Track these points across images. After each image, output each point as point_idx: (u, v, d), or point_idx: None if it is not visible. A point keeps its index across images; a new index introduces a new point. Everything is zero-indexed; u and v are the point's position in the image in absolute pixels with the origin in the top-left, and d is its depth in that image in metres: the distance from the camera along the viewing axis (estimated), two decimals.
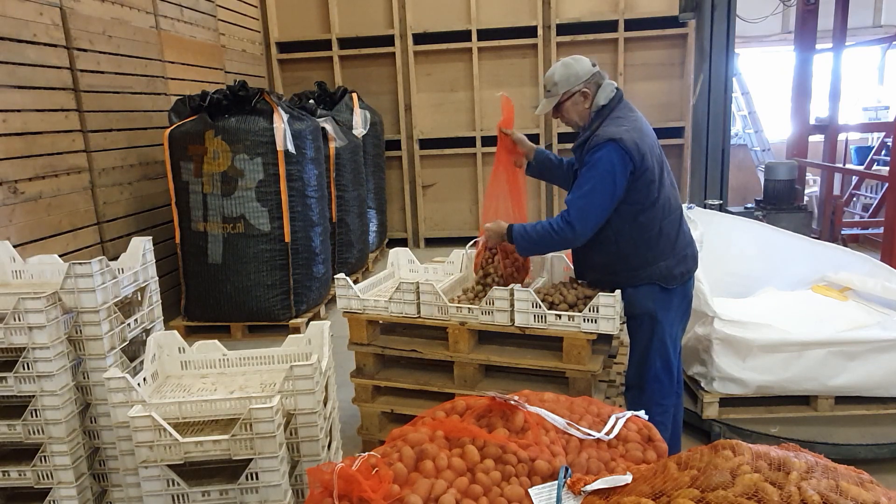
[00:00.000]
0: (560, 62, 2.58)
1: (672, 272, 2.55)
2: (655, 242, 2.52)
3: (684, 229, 2.63)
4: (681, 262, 2.57)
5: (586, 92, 2.53)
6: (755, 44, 9.81)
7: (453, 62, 7.64)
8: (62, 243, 4.13)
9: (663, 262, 2.53)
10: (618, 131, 2.40)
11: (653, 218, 2.49)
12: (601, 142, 2.41)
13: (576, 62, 2.54)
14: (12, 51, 3.80)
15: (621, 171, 2.39)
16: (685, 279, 2.61)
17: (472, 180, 7.88)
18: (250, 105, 4.73)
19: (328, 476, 1.41)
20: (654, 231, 2.51)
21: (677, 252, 2.56)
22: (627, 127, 2.43)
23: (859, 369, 2.97)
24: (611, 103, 2.52)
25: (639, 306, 2.59)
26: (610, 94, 2.52)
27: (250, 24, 7.37)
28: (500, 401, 1.68)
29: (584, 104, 2.55)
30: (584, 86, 2.52)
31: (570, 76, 2.52)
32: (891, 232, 5.18)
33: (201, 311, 4.96)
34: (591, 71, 2.53)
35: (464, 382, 2.82)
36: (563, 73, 2.53)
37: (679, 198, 2.64)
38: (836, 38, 6.75)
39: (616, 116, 2.49)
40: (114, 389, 1.89)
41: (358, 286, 3.00)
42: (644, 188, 2.45)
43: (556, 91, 2.55)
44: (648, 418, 2.42)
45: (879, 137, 8.16)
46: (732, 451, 1.35)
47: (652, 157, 2.45)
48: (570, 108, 2.58)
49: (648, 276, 2.54)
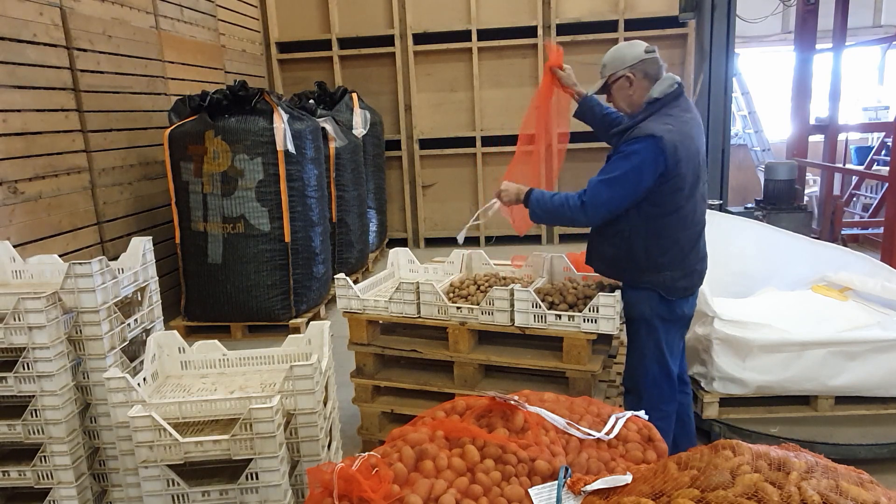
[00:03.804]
0: (617, 45, 2.57)
1: (675, 284, 2.49)
2: (667, 250, 2.45)
3: (700, 245, 2.56)
4: (686, 277, 2.51)
5: (630, 77, 2.45)
6: (755, 44, 9.81)
7: (453, 62, 7.63)
8: (62, 243, 4.13)
9: (668, 273, 2.47)
10: (660, 129, 2.32)
11: (671, 226, 2.43)
12: (640, 135, 2.34)
13: (628, 46, 2.50)
14: (12, 51, 3.80)
15: (651, 170, 2.31)
16: (687, 294, 2.55)
17: (472, 180, 7.88)
18: (250, 105, 4.73)
19: (328, 476, 1.41)
20: (670, 239, 2.44)
21: (686, 266, 2.50)
22: (672, 127, 2.34)
23: (859, 369, 2.97)
24: (665, 98, 2.42)
25: (637, 310, 2.56)
26: (666, 90, 2.43)
27: (250, 24, 7.37)
28: (500, 401, 1.68)
29: (628, 90, 2.47)
30: (629, 71, 2.44)
31: (617, 59, 2.48)
32: (891, 232, 5.18)
33: (201, 311, 4.96)
34: (640, 57, 2.44)
35: (464, 382, 2.82)
36: (611, 56, 2.50)
37: (705, 213, 2.57)
38: (836, 38, 6.75)
39: (666, 113, 2.40)
40: (114, 389, 1.89)
41: (358, 286, 2.99)
42: (669, 194, 2.38)
43: (604, 73, 2.52)
44: None
45: (879, 137, 8.16)
46: (732, 451, 1.35)
47: (688, 165, 2.36)
48: (616, 92, 2.51)
49: (651, 282, 2.49)
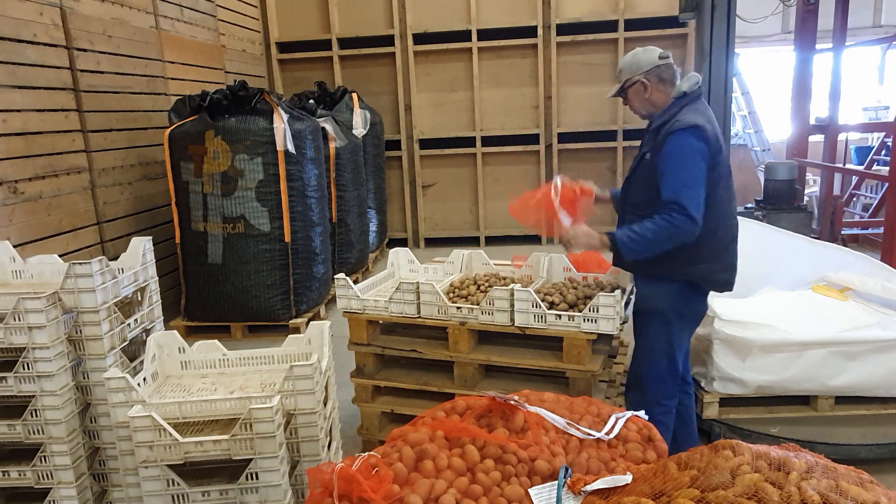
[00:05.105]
0: (633, 50, 2.59)
1: (716, 276, 2.52)
2: (707, 242, 2.46)
3: (735, 244, 2.59)
4: (726, 270, 2.54)
5: (646, 83, 2.50)
6: (755, 44, 9.82)
7: (453, 62, 7.63)
8: (62, 243, 4.13)
9: (705, 265, 2.49)
10: (700, 119, 2.39)
11: (711, 217, 2.44)
12: (682, 127, 2.37)
13: (644, 52, 2.54)
14: (12, 51, 3.80)
15: (701, 157, 2.37)
16: (726, 288, 2.56)
17: (472, 180, 7.88)
18: (250, 105, 4.73)
19: (328, 476, 1.41)
20: (710, 230, 2.45)
21: (726, 259, 2.53)
22: (706, 119, 2.42)
23: (859, 369, 2.97)
24: (693, 93, 2.49)
25: (653, 303, 2.55)
26: (693, 85, 2.50)
27: (250, 24, 7.37)
28: (500, 401, 1.68)
29: (643, 94, 2.53)
30: (645, 76, 2.50)
31: (633, 65, 2.53)
32: (891, 232, 5.18)
33: (201, 311, 4.96)
34: (655, 63, 2.50)
35: (464, 382, 2.82)
36: (626, 61, 2.55)
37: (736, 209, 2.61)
38: (836, 38, 6.75)
39: (695, 108, 2.47)
40: (114, 389, 1.89)
41: (358, 286, 2.99)
42: (710, 185, 2.42)
43: (620, 78, 2.58)
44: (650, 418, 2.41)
45: (879, 137, 8.17)
46: (732, 451, 1.35)
47: (723, 157, 2.45)
48: (632, 96, 2.57)
49: (687, 273, 2.49)
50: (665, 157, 2.39)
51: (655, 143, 2.45)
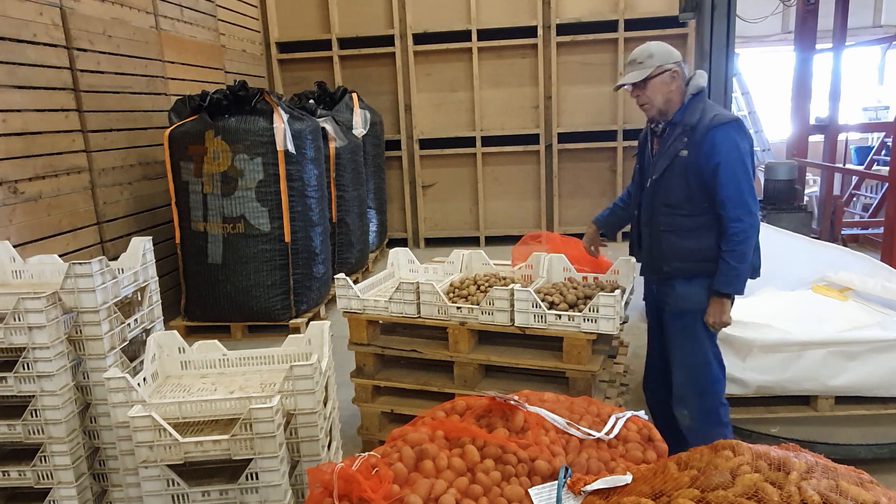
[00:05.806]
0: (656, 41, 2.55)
1: (755, 265, 2.53)
2: None
3: None
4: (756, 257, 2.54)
5: (676, 73, 2.47)
6: (755, 44, 9.82)
7: (453, 62, 7.63)
8: (62, 243, 4.13)
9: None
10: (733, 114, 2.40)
11: None
12: (725, 121, 2.37)
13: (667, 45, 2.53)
14: (12, 51, 3.80)
15: (749, 156, 2.38)
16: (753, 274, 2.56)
17: (472, 180, 7.88)
18: (250, 105, 4.73)
19: (328, 476, 1.41)
20: None
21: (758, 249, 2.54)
22: None
23: (859, 369, 2.97)
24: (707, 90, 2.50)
25: (697, 302, 2.52)
26: (706, 82, 2.51)
27: (250, 24, 7.37)
28: (500, 401, 1.68)
29: (669, 84, 2.46)
30: (676, 66, 2.47)
31: (666, 52, 2.48)
32: (891, 232, 5.18)
33: (201, 311, 4.96)
34: (680, 58, 2.52)
35: (464, 382, 2.82)
36: (660, 48, 2.48)
37: None
38: (836, 38, 6.75)
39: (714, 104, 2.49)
40: (114, 389, 1.89)
41: (358, 286, 2.99)
42: None
43: (651, 63, 2.44)
44: (717, 422, 2.43)
45: (879, 137, 8.17)
46: (732, 451, 1.35)
47: None
48: (658, 86, 2.46)
49: None
50: (719, 159, 2.36)
51: (693, 140, 2.41)
